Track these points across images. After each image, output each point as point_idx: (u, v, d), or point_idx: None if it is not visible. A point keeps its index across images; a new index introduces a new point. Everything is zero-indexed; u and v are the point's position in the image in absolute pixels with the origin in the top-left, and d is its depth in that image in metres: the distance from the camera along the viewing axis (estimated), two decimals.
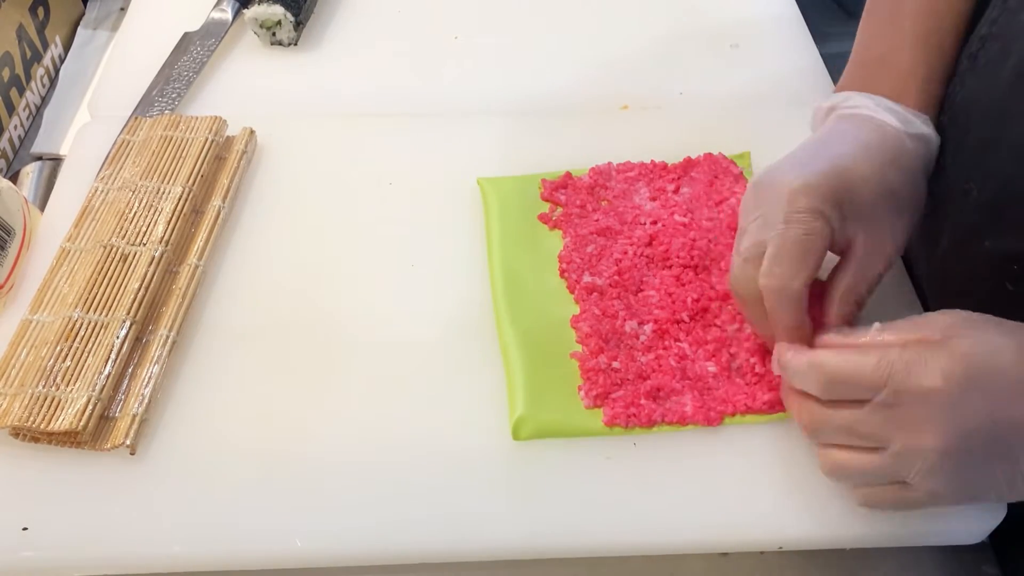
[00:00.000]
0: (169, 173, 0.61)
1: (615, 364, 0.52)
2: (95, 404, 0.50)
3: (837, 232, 0.47)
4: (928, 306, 0.58)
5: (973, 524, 0.48)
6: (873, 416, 0.42)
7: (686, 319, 0.54)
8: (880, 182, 0.48)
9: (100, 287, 0.55)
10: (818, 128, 0.55)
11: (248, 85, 0.72)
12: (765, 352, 0.52)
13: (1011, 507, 0.49)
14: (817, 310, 0.48)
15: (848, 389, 0.43)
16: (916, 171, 0.51)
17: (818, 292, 0.48)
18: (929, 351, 0.41)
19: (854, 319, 0.49)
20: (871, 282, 0.49)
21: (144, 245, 0.57)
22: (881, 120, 0.51)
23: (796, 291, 0.46)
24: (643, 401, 0.51)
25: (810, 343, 0.47)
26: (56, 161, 0.70)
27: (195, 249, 0.59)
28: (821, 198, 0.46)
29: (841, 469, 0.44)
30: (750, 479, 0.49)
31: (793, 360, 0.46)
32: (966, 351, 0.41)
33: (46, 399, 0.50)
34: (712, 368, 0.52)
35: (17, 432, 0.50)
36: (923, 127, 0.51)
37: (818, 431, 0.45)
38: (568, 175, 0.63)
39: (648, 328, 0.54)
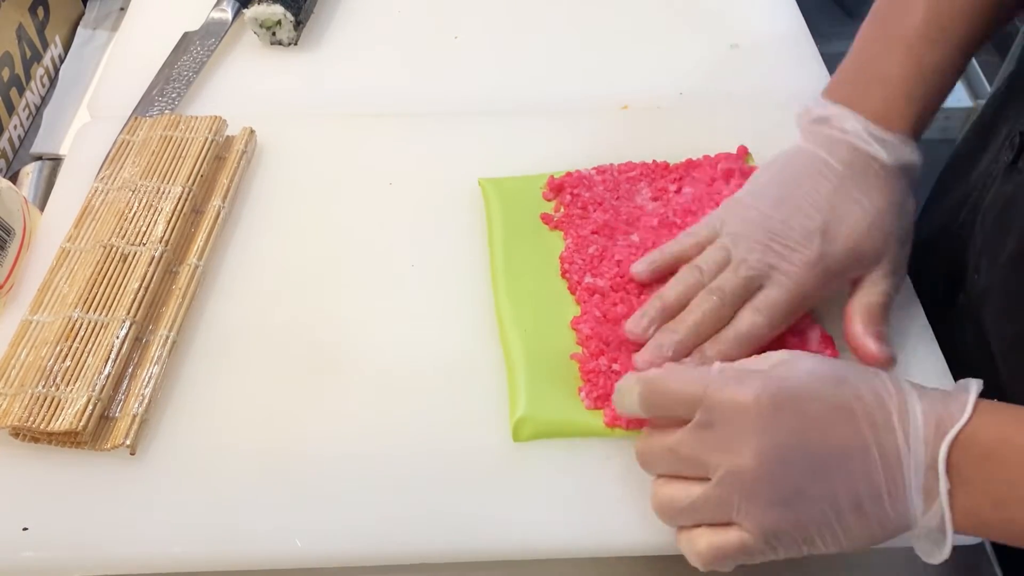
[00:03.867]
0: (169, 173, 0.61)
1: (615, 366, 0.52)
2: (95, 404, 0.50)
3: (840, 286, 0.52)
4: (982, 323, 0.58)
5: None
6: (692, 436, 0.41)
7: None
8: (878, 228, 0.51)
9: (100, 287, 0.55)
10: (804, 135, 0.55)
11: (248, 85, 0.72)
12: None
13: None
14: None
15: (666, 402, 0.43)
16: (904, 200, 0.52)
17: None
18: (747, 373, 0.42)
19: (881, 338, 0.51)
20: (873, 310, 0.51)
21: (144, 245, 0.57)
22: (873, 153, 0.52)
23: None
24: None
25: None
26: (56, 161, 0.70)
27: (195, 249, 0.59)
28: (827, 277, 0.51)
29: (670, 502, 0.43)
30: None
31: (622, 380, 0.46)
32: (782, 374, 0.41)
33: (46, 399, 0.50)
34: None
35: (17, 432, 0.50)
36: (910, 155, 0.52)
37: (646, 456, 0.45)
38: (570, 174, 0.63)
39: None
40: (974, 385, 0.40)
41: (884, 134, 0.52)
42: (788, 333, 0.53)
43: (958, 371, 0.54)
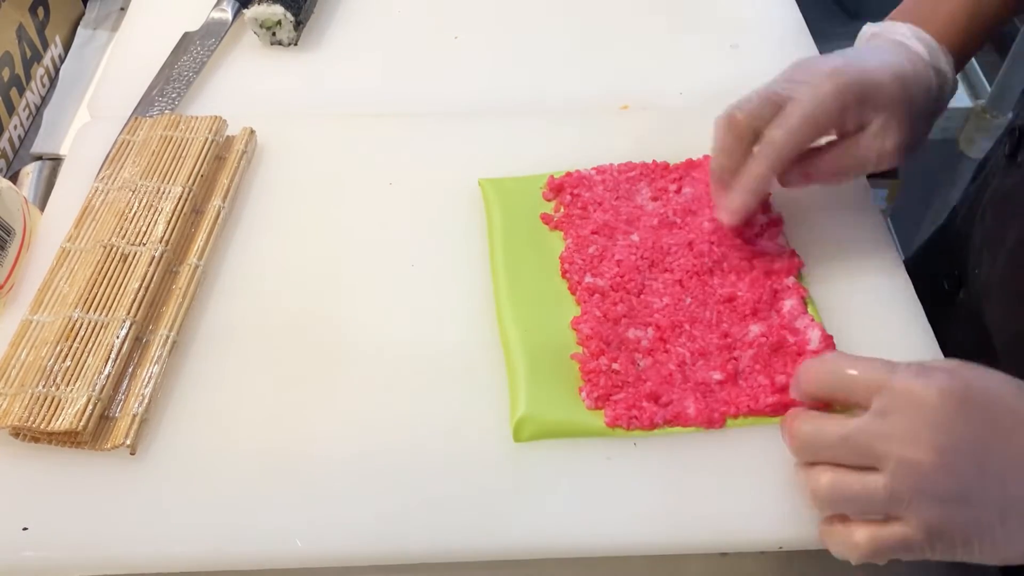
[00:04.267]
0: (169, 173, 0.61)
1: (615, 366, 0.52)
2: (95, 404, 0.50)
3: (851, 120, 0.52)
4: (983, 318, 0.58)
5: None
6: (869, 425, 0.41)
7: (687, 326, 0.54)
8: (902, 94, 0.52)
9: (100, 287, 0.55)
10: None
11: (248, 85, 0.72)
12: (769, 356, 0.52)
13: None
14: None
15: (848, 384, 0.43)
16: (929, 100, 0.55)
17: None
18: (930, 369, 0.42)
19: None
20: (857, 162, 0.54)
21: (144, 245, 0.57)
22: (914, 49, 0.55)
23: (787, 148, 0.52)
24: (645, 403, 0.51)
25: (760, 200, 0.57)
26: (56, 161, 0.70)
27: (195, 249, 0.59)
28: (848, 87, 0.51)
29: (835, 489, 0.42)
30: (750, 479, 0.49)
31: (808, 361, 0.46)
32: (966, 376, 0.41)
33: (46, 399, 0.50)
34: (717, 376, 0.52)
35: (17, 432, 0.50)
36: (946, 67, 0.56)
37: (812, 440, 0.44)
38: (570, 174, 0.63)
39: (650, 332, 0.54)
40: None
41: (928, 38, 0.56)
42: (788, 332, 0.53)
43: None
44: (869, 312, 0.56)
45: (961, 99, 1.00)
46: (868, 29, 0.59)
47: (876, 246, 0.60)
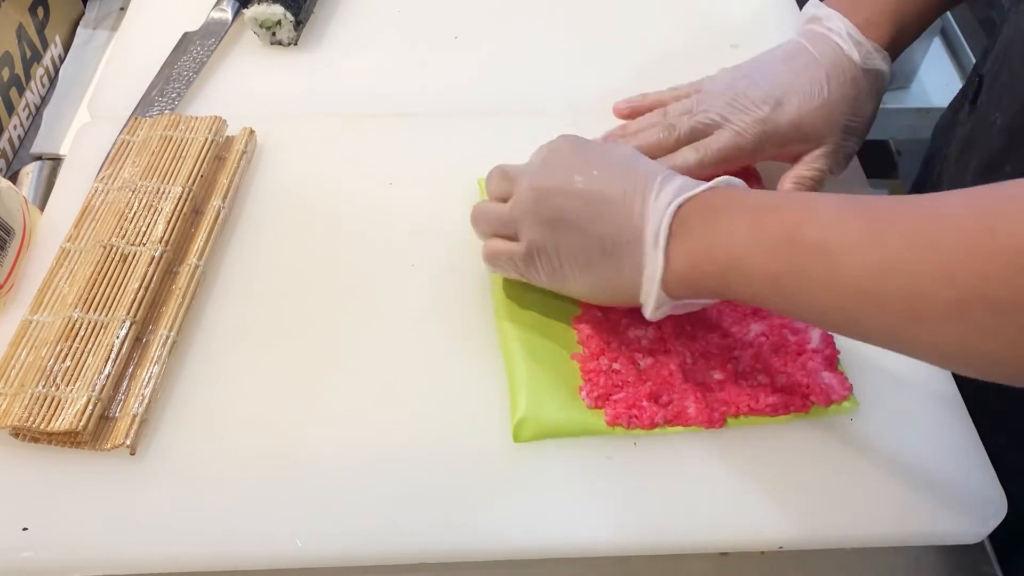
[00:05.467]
0: (169, 173, 0.61)
1: (615, 366, 0.52)
2: (95, 404, 0.50)
3: (778, 153, 0.59)
4: None
5: (973, 524, 0.49)
6: (517, 169, 0.52)
7: (687, 326, 0.54)
8: (826, 127, 0.57)
9: (100, 287, 0.55)
10: (798, 31, 0.61)
11: (248, 85, 0.72)
12: (770, 356, 0.52)
13: (1011, 508, 0.49)
14: None
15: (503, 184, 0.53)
16: (861, 99, 0.58)
17: None
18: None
19: None
20: (806, 185, 0.58)
21: (144, 245, 0.57)
22: (848, 55, 0.58)
23: (704, 167, 0.58)
24: (645, 403, 0.51)
25: None
26: (56, 161, 0.70)
27: (195, 249, 0.59)
28: (766, 136, 0.57)
29: (480, 214, 0.54)
30: (751, 479, 0.49)
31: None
32: (580, 138, 0.52)
33: (46, 399, 0.50)
34: (717, 376, 0.52)
35: (17, 432, 0.50)
36: (880, 63, 0.58)
37: (488, 179, 0.54)
38: None
39: (650, 331, 0.54)
40: (733, 179, 0.47)
41: (861, 38, 0.58)
42: (788, 331, 0.53)
43: None
44: None
45: None
46: (809, 11, 0.61)
47: None
